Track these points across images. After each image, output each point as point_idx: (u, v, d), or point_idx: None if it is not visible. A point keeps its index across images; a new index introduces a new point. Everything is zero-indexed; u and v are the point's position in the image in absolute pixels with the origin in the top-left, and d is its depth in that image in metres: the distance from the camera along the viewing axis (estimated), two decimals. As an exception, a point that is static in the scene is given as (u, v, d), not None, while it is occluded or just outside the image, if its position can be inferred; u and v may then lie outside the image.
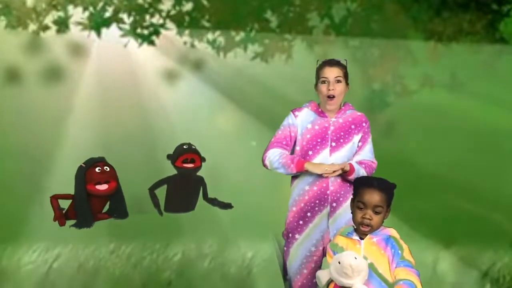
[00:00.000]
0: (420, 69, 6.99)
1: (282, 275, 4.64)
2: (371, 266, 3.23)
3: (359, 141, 3.92)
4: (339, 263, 3.15)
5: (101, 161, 5.36)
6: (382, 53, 7.02)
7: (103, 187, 5.30)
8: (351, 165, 3.82)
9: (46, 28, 6.82)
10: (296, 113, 3.92)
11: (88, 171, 5.29)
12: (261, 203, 5.64)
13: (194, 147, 5.70)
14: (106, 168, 5.32)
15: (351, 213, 3.37)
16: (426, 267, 4.98)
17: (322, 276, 3.29)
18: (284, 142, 3.91)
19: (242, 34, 6.97)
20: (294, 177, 3.93)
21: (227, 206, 5.77)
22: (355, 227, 3.34)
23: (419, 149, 6.22)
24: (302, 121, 3.90)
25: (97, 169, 5.28)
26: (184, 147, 5.66)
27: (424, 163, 6.20)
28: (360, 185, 3.33)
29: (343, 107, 3.94)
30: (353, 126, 3.91)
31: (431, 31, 6.97)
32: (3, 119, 6.58)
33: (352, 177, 3.78)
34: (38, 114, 6.64)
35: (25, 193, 5.84)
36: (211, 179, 5.83)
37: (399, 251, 3.24)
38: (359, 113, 3.97)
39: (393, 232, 3.32)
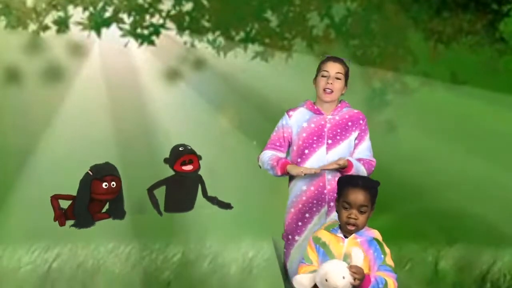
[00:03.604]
0: (420, 68, 6.99)
1: (282, 275, 4.64)
2: None
3: (355, 139, 3.89)
4: (326, 280, 3.12)
5: (109, 175, 5.33)
6: (382, 52, 7.02)
7: (106, 194, 5.32)
8: (349, 161, 3.79)
9: (46, 28, 6.81)
10: (291, 113, 3.91)
11: (95, 182, 5.28)
12: (261, 203, 5.63)
13: (189, 148, 5.68)
14: (113, 184, 5.32)
15: (336, 212, 3.35)
16: (427, 265, 4.99)
17: (306, 281, 3.25)
18: (277, 144, 3.91)
19: (242, 34, 6.96)
20: (292, 177, 3.91)
21: (227, 206, 5.77)
22: (340, 224, 3.33)
23: (419, 148, 6.22)
24: (297, 120, 3.89)
25: (104, 185, 5.28)
26: (180, 149, 5.65)
27: (424, 162, 6.20)
28: (344, 184, 3.31)
29: (339, 105, 3.92)
30: (350, 123, 3.89)
31: (431, 31, 6.96)
32: (3, 119, 6.58)
33: (351, 173, 3.76)
34: (38, 114, 6.64)
35: (24, 193, 5.84)
36: (211, 179, 5.83)
37: (382, 256, 3.24)
38: (356, 111, 3.95)
39: (377, 234, 3.32)
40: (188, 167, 5.66)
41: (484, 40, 6.99)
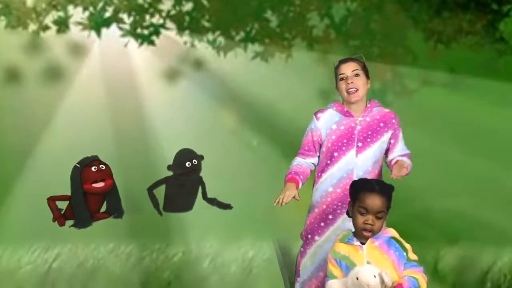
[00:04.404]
0: (420, 68, 6.99)
1: (282, 275, 4.64)
2: None
3: (390, 139, 3.84)
4: (357, 279, 3.08)
5: (95, 160, 5.37)
6: (382, 52, 7.02)
7: (99, 184, 5.32)
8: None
9: (46, 28, 6.81)
10: (319, 115, 3.86)
11: (84, 170, 5.30)
12: (261, 203, 5.62)
13: (196, 163, 5.62)
14: (102, 167, 5.35)
15: (351, 217, 3.28)
16: (427, 265, 4.97)
17: (337, 286, 3.20)
18: (306, 148, 3.88)
19: (242, 34, 6.96)
20: (317, 178, 3.87)
21: (226, 206, 5.77)
22: (353, 231, 3.27)
23: (419, 148, 6.21)
24: (326, 122, 3.83)
25: (93, 168, 5.30)
26: (187, 165, 5.58)
27: (424, 163, 6.19)
28: (360, 189, 3.23)
29: (369, 105, 3.86)
30: (382, 124, 3.83)
31: (431, 30, 6.97)
32: (3, 119, 6.59)
33: (407, 173, 3.71)
34: (38, 114, 6.65)
35: (24, 193, 5.84)
36: (212, 179, 5.82)
37: (404, 253, 3.19)
38: (387, 110, 3.90)
39: (393, 232, 3.26)
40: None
41: (484, 40, 6.99)
